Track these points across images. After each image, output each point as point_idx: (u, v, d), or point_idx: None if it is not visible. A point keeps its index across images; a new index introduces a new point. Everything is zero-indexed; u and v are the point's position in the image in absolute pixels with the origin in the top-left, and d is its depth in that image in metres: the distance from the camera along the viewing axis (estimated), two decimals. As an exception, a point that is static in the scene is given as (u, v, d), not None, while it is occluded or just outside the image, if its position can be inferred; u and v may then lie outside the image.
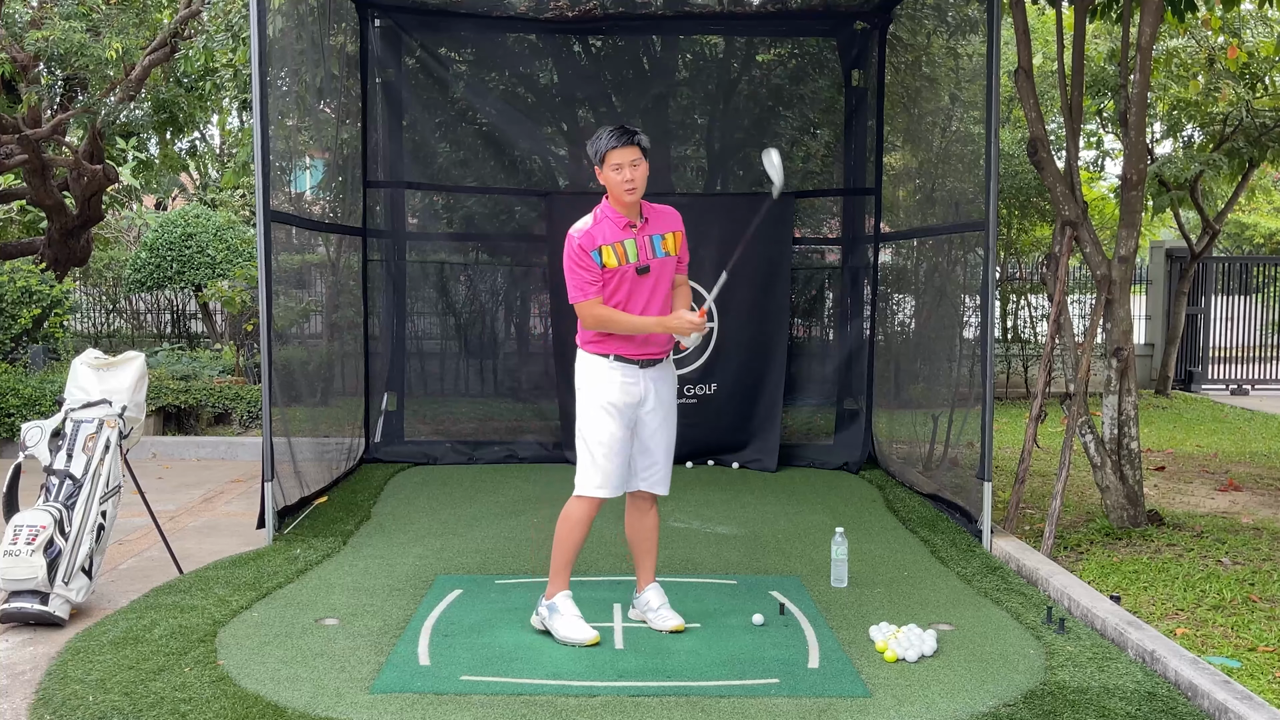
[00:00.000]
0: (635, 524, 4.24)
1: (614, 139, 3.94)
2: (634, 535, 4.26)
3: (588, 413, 4.05)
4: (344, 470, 6.79)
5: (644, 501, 4.21)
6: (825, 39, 7.89)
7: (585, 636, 3.97)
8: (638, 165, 3.95)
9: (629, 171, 3.93)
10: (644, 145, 4.00)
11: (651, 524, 4.24)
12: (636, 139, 3.97)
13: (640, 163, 3.97)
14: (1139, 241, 5.91)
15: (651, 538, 4.25)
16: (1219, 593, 4.64)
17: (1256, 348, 13.36)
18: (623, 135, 3.95)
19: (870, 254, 7.58)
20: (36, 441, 4.46)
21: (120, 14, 9.33)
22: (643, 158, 3.99)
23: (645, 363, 4.08)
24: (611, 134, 3.96)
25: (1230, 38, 9.84)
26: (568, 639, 3.98)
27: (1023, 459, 5.65)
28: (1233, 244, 20.25)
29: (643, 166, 3.98)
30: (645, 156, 4.00)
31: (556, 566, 4.08)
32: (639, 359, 4.06)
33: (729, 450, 7.52)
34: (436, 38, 7.74)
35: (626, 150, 3.93)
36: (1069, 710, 3.41)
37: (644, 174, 3.99)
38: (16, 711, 3.44)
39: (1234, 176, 11.50)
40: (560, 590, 4.08)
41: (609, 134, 3.97)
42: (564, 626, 4.00)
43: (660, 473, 4.16)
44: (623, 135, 3.95)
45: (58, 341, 9.72)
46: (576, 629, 3.99)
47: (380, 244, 7.57)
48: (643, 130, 4.09)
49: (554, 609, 4.05)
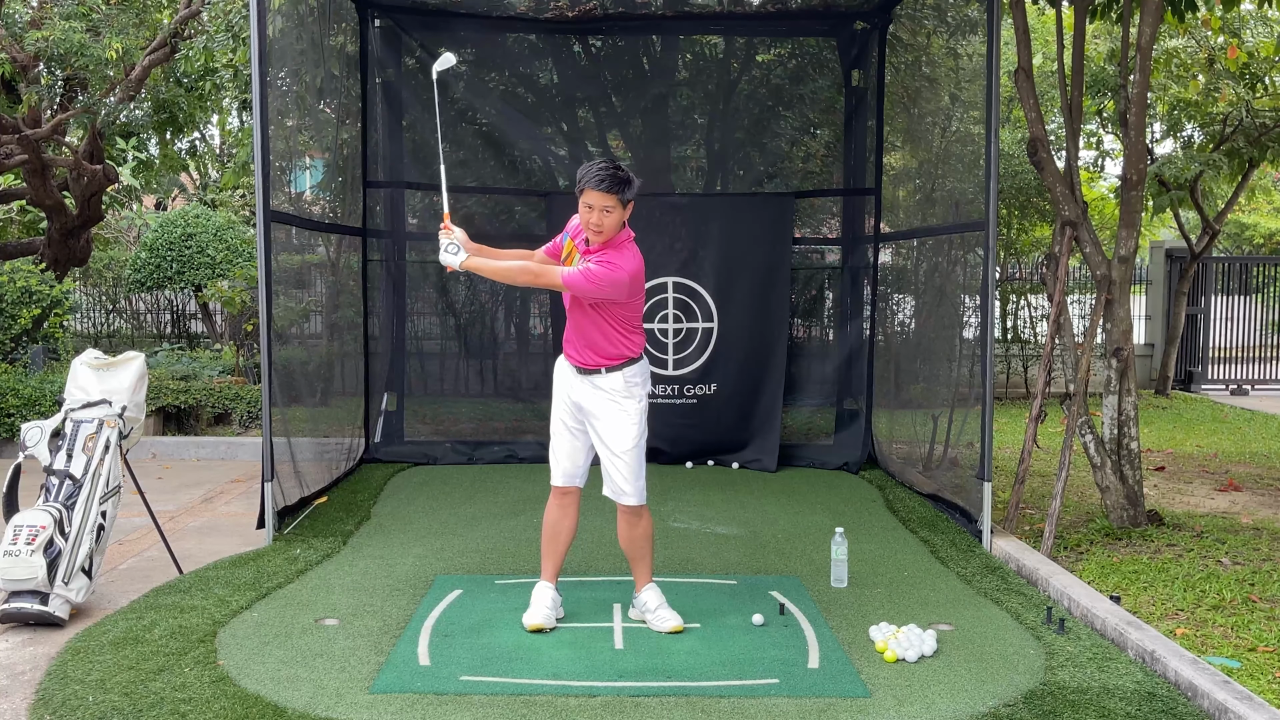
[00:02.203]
0: (620, 530, 4.29)
1: (594, 179, 3.90)
2: (623, 544, 4.32)
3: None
4: (344, 470, 6.79)
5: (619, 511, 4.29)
6: (825, 39, 7.89)
7: (528, 621, 4.14)
8: (609, 212, 3.92)
9: (596, 215, 3.93)
10: (625, 196, 3.92)
11: (641, 533, 4.26)
12: (614, 187, 3.89)
13: (613, 210, 3.92)
14: (1139, 241, 5.91)
15: (642, 545, 4.27)
16: (1219, 593, 4.64)
17: (1256, 348, 13.36)
18: (604, 180, 3.88)
19: (870, 254, 7.58)
20: (36, 441, 4.46)
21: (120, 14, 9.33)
22: (619, 205, 3.92)
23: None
24: (595, 173, 3.91)
25: (1230, 38, 9.84)
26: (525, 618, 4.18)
27: (1023, 459, 5.65)
28: (1233, 244, 20.25)
29: (615, 215, 3.93)
30: (624, 204, 3.94)
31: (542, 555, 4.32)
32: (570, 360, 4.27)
33: (729, 450, 7.52)
34: (436, 38, 7.73)
35: (600, 196, 3.90)
36: (1069, 710, 3.41)
37: (614, 222, 3.95)
38: (16, 711, 3.44)
39: (1234, 176, 11.50)
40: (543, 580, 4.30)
41: (592, 172, 3.93)
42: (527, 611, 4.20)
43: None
44: (604, 180, 3.88)
45: (58, 341, 9.71)
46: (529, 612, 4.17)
47: (380, 244, 7.57)
48: (644, 130, 4.11)
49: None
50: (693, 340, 7.53)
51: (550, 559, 4.27)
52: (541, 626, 4.09)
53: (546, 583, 4.25)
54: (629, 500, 4.16)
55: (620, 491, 4.16)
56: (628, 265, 3.98)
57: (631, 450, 4.11)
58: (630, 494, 4.15)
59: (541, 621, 4.10)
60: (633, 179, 3.97)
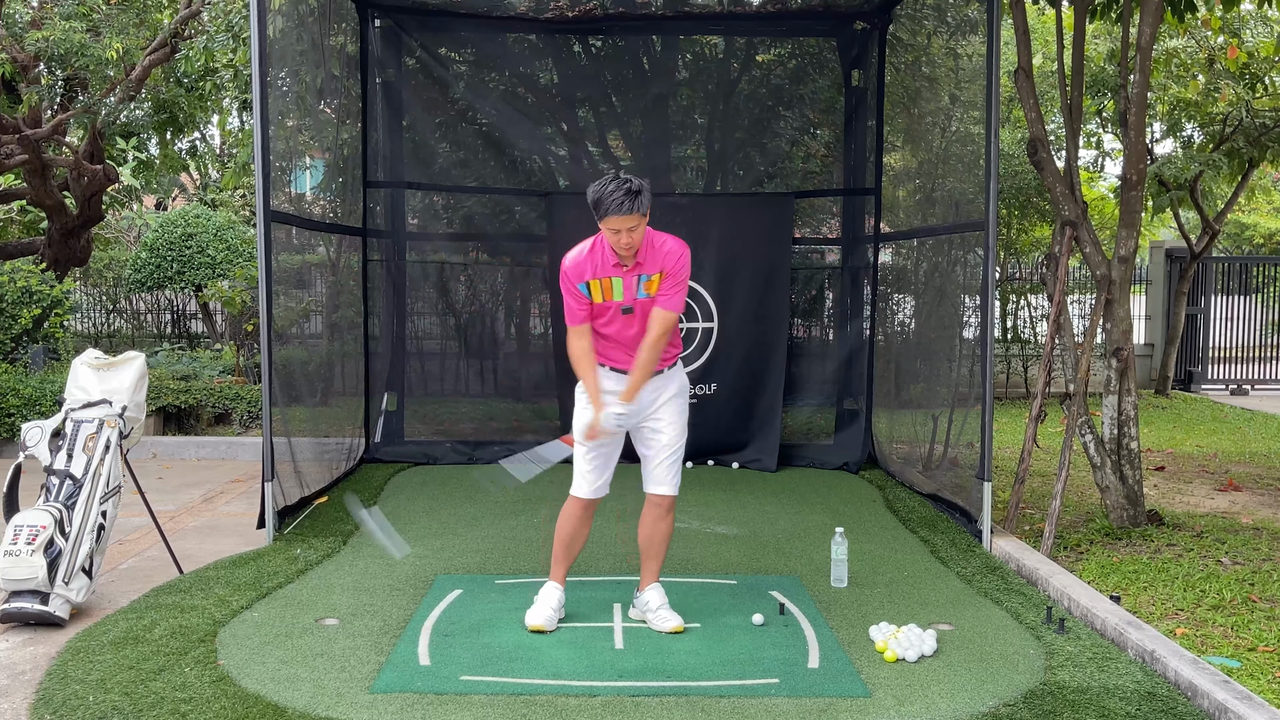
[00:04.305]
0: (644, 527, 4.28)
1: (617, 205, 3.79)
2: (641, 537, 4.30)
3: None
4: (344, 470, 6.80)
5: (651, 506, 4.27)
6: (825, 39, 7.89)
7: (529, 621, 4.14)
8: (635, 230, 3.86)
9: (626, 237, 3.87)
10: (643, 209, 3.85)
11: (666, 527, 4.26)
12: (637, 205, 3.82)
13: (639, 226, 3.87)
14: (1139, 241, 5.91)
15: (663, 543, 4.28)
16: (1219, 593, 4.65)
17: (1256, 348, 13.36)
18: (625, 202, 3.79)
19: (870, 254, 7.58)
20: (37, 441, 4.46)
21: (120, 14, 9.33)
22: (643, 218, 3.87)
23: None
24: (615, 199, 3.80)
25: (1230, 38, 9.84)
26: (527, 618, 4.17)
27: (1023, 459, 5.65)
28: (1233, 244, 20.25)
29: (641, 228, 3.88)
30: (646, 213, 3.88)
31: (553, 558, 4.29)
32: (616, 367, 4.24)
33: (729, 450, 7.53)
34: (436, 38, 7.74)
35: (625, 219, 3.82)
36: (1069, 710, 3.41)
37: (642, 233, 3.91)
38: (17, 711, 3.44)
39: (1234, 176, 11.50)
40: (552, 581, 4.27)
41: (613, 199, 3.80)
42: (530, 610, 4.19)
43: (653, 471, 4.30)
44: (625, 202, 3.79)
45: (58, 341, 9.72)
46: (532, 612, 4.17)
47: (380, 244, 7.57)
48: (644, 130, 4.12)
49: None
50: (693, 340, 7.53)
51: (563, 563, 4.26)
52: (542, 628, 4.09)
53: (555, 584, 4.24)
54: (672, 491, 4.20)
55: (668, 483, 4.19)
56: (681, 250, 4.05)
57: (682, 440, 4.24)
58: (675, 485, 4.21)
59: (543, 623, 4.10)
60: (644, 185, 3.89)
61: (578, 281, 4.02)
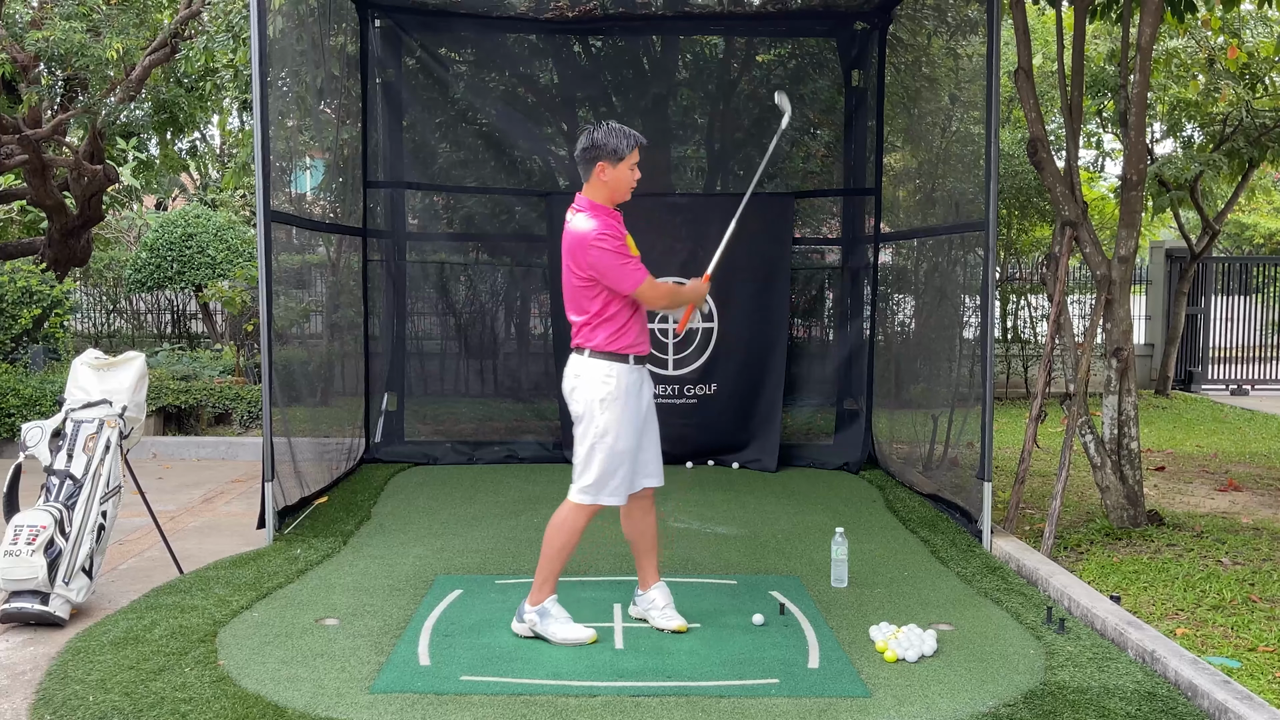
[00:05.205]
0: (639, 523, 4.22)
1: (636, 139, 4.07)
2: (636, 534, 4.24)
3: (616, 423, 3.96)
4: (344, 470, 6.80)
5: (647, 501, 4.21)
6: (825, 39, 7.90)
7: (585, 636, 3.99)
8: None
9: (638, 171, 4.12)
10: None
11: (655, 520, 4.25)
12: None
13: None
14: (1139, 241, 5.91)
15: (654, 536, 4.25)
16: (1219, 593, 4.65)
17: (1256, 348, 13.36)
18: (638, 137, 4.09)
19: (870, 254, 7.58)
20: (37, 441, 4.46)
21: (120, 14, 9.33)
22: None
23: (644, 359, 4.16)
24: (632, 135, 4.07)
25: (1230, 38, 9.84)
26: (567, 639, 3.98)
27: (1023, 459, 5.65)
28: (1233, 244, 20.25)
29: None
30: None
31: (549, 573, 4.06)
32: (645, 355, 4.13)
33: (729, 450, 7.52)
34: (436, 38, 7.74)
35: (638, 152, 4.10)
36: (1069, 710, 3.41)
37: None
38: (17, 711, 3.44)
39: (1234, 176, 11.51)
40: (549, 595, 4.07)
41: (630, 134, 4.07)
42: (561, 630, 4.01)
43: (659, 462, 4.22)
44: (638, 137, 4.09)
45: (58, 342, 9.71)
46: (575, 630, 4.01)
47: (380, 244, 7.57)
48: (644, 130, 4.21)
49: (545, 613, 4.04)
50: (692, 340, 7.53)
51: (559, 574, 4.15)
52: (593, 637, 4.02)
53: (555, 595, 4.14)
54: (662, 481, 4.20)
55: (660, 474, 4.19)
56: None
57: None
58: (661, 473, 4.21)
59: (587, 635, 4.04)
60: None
61: (621, 237, 4.02)
